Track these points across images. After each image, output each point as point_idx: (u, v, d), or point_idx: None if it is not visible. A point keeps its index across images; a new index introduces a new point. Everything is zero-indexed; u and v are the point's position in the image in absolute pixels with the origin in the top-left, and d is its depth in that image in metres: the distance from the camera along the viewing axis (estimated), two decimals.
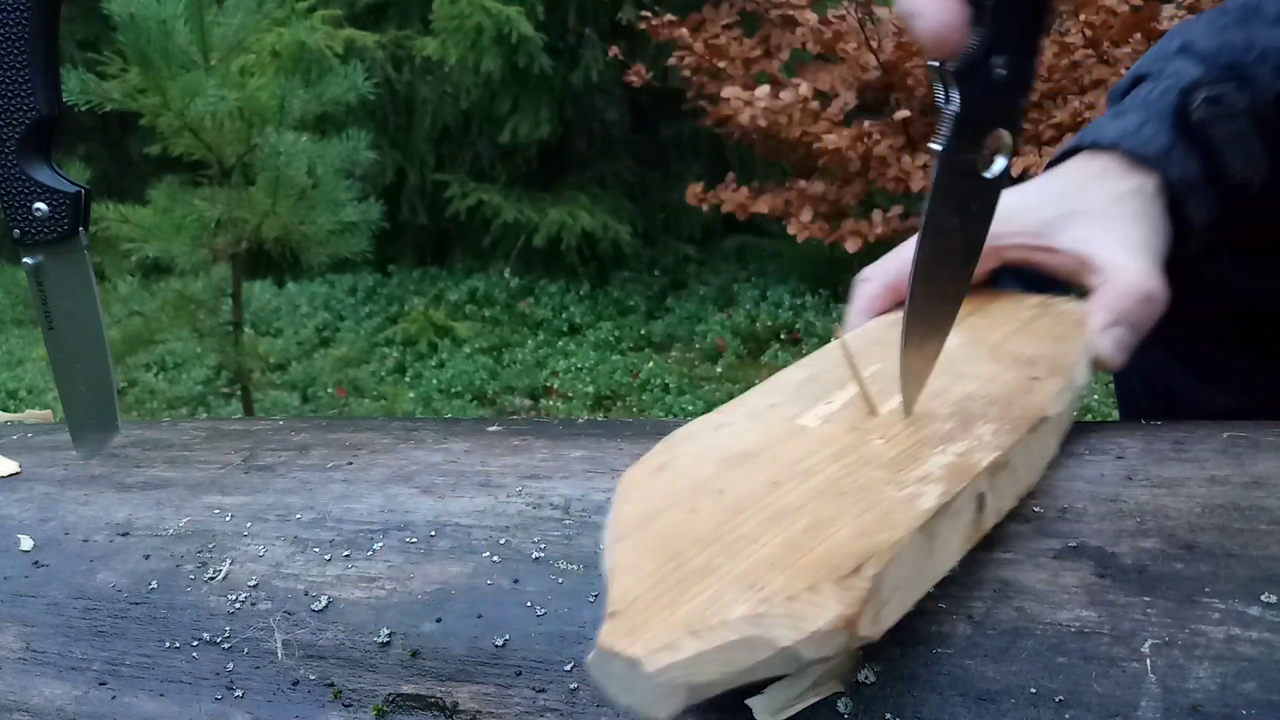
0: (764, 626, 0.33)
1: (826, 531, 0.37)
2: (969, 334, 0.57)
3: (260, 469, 0.60)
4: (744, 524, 0.38)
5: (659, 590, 0.35)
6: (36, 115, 0.59)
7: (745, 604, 0.34)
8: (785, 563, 0.36)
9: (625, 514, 0.39)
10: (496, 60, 4.64)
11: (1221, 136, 0.61)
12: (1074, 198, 0.60)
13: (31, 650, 0.50)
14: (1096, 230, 0.59)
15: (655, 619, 0.33)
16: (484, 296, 5.15)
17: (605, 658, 0.33)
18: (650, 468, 0.43)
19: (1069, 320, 0.59)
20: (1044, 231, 0.60)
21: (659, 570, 0.36)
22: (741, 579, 0.35)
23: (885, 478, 0.41)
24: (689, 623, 0.33)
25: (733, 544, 0.37)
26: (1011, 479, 0.44)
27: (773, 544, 0.37)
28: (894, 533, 0.37)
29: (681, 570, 0.36)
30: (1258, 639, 0.37)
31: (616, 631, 0.33)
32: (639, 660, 0.32)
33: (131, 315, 3.07)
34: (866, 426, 0.46)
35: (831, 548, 0.36)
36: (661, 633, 0.33)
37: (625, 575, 0.36)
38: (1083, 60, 3.75)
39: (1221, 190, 0.62)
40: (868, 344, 0.55)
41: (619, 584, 0.35)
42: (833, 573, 0.35)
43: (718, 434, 0.46)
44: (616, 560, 0.37)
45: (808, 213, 4.07)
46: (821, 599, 0.34)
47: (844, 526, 0.38)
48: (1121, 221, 0.59)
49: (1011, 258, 0.61)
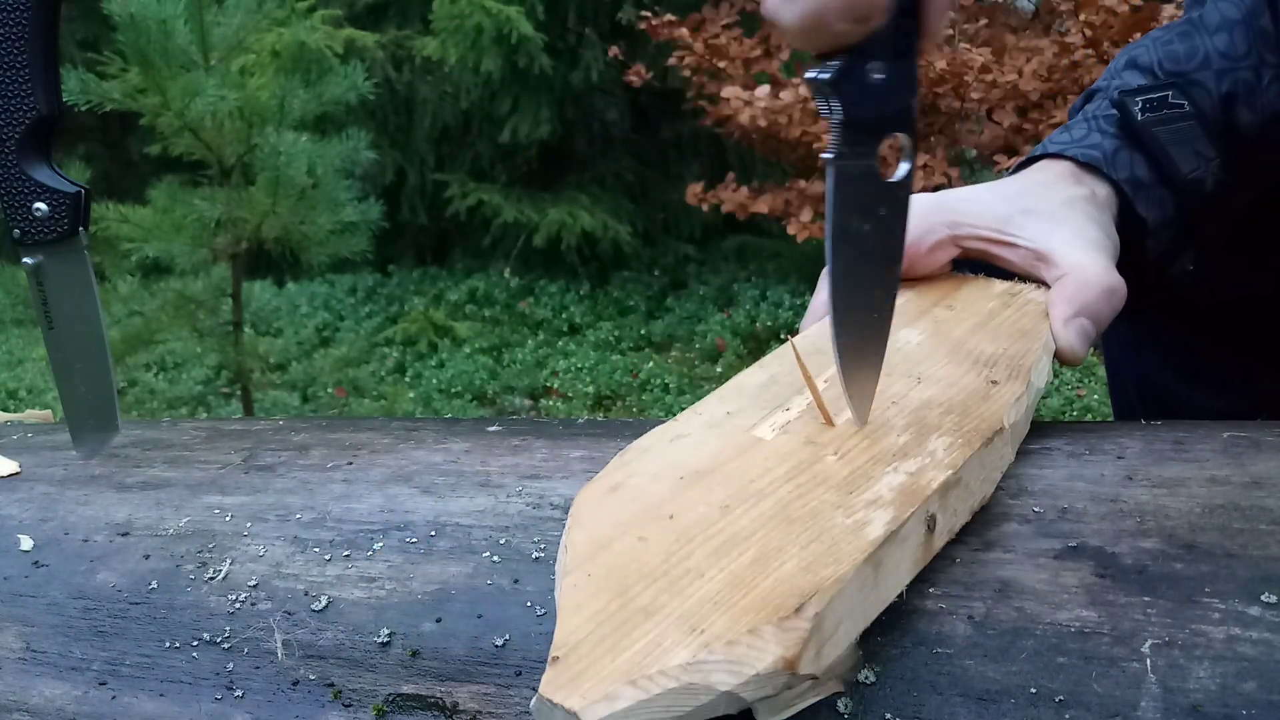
0: (704, 673, 0.33)
1: (772, 564, 0.38)
2: (933, 328, 0.57)
3: (260, 469, 0.60)
4: (692, 554, 0.39)
5: (602, 632, 0.35)
6: (36, 115, 0.59)
7: (686, 649, 0.34)
8: (728, 602, 0.36)
9: (576, 542, 0.40)
10: (496, 60, 4.64)
11: (1167, 138, 0.64)
12: (1029, 198, 0.62)
13: (31, 650, 0.50)
14: (1052, 228, 0.60)
15: (596, 665, 0.34)
16: (484, 296, 5.16)
17: (546, 706, 0.33)
18: (604, 488, 0.43)
19: (1033, 312, 0.59)
20: (1002, 226, 0.61)
21: (604, 609, 0.36)
22: (684, 620, 0.35)
23: (835, 500, 0.41)
24: (628, 671, 0.33)
25: (679, 579, 0.37)
26: (964, 495, 0.44)
27: (718, 579, 0.37)
28: (839, 567, 0.37)
29: (626, 609, 0.36)
30: (1258, 639, 0.37)
31: (557, 680, 0.34)
32: (577, 713, 0.32)
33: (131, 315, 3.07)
34: (822, 440, 0.46)
35: (775, 583, 0.37)
36: (601, 683, 0.33)
37: (571, 615, 0.36)
38: (1083, 60, 3.75)
39: (1174, 190, 0.64)
40: (818, 350, 0.55)
41: (564, 625, 0.36)
42: (774, 614, 0.35)
43: (673, 447, 0.46)
44: (563, 597, 0.37)
45: (808, 213, 4.07)
46: (761, 642, 0.34)
47: (790, 559, 0.38)
48: (1075, 222, 0.61)
49: (970, 248, 0.62)
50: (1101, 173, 0.63)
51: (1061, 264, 0.58)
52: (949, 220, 0.61)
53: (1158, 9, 3.58)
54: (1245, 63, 0.64)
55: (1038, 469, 0.49)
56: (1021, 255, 0.61)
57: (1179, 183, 0.64)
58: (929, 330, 0.57)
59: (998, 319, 0.58)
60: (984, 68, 3.84)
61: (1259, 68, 0.64)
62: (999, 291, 0.62)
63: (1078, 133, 0.65)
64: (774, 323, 4.52)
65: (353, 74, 2.96)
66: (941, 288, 0.63)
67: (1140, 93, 0.65)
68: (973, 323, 0.58)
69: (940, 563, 0.42)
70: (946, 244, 0.62)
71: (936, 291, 0.62)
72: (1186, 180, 0.64)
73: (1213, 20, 0.66)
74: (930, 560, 0.42)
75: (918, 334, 0.56)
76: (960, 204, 0.62)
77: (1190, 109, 0.64)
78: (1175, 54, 0.66)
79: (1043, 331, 0.56)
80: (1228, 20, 0.66)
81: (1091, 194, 0.63)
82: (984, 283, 0.64)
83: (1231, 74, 0.64)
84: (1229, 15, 0.66)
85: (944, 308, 0.60)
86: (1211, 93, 0.64)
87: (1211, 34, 0.66)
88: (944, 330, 0.57)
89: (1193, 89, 0.64)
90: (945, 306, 0.60)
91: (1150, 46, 0.67)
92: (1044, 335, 0.56)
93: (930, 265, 0.63)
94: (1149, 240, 0.64)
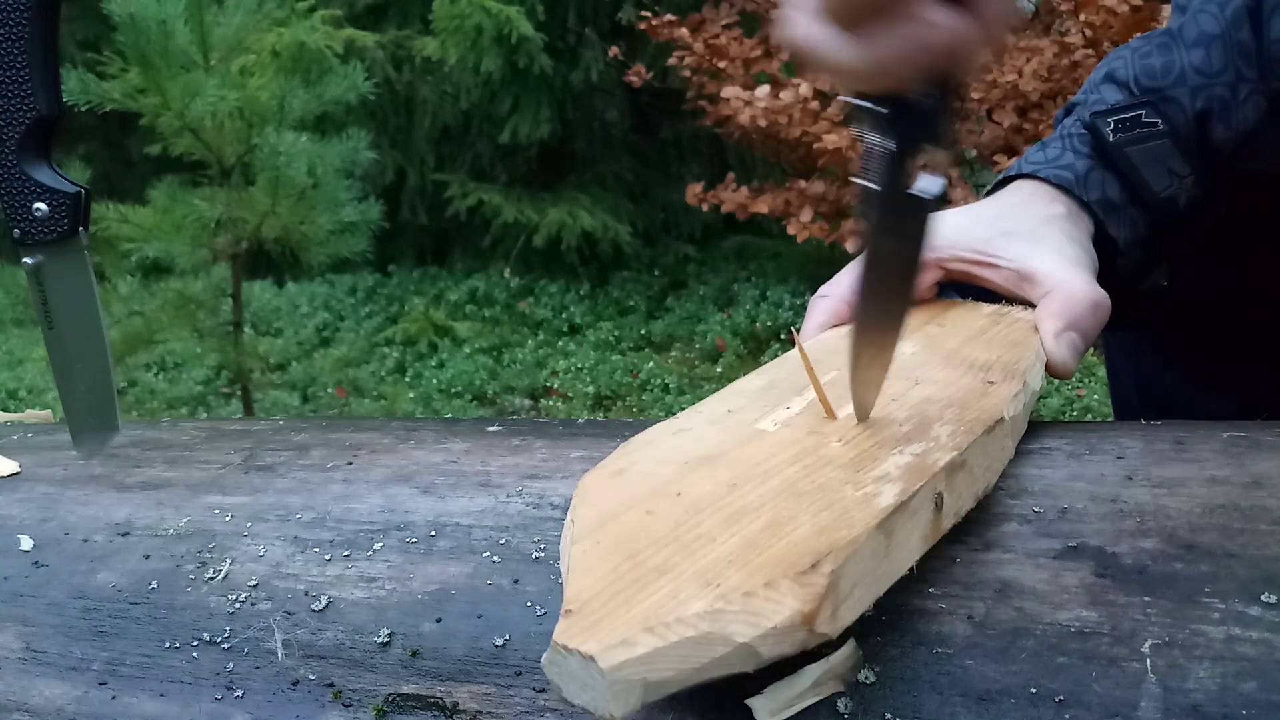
0: (721, 623, 0.33)
1: (785, 530, 0.37)
2: (926, 341, 0.58)
3: (260, 469, 0.60)
4: (702, 524, 0.38)
5: (615, 589, 0.35)
6: (36, 115, 0.59)
7: (702, 600, 0.34)
8: (743, 560, 0.36)
9: (582, 517, 0.39)
10: (496, 60, 4.64)
11: (1139, 158, 0.64)
12: (1008, 220, 0.63)
13: (31, 650, 0.50)
14: (1033, 247, 0.61)
15: (611, 616, 0.33)
16: (484, 296, 5.15)
17: (560, 655, 0.33)
18: (608, 472, 0.43)
19: (1023, 328, 0.59)
20: (983, 248, 0.62)
21: (616, 569, 0.36)
22: (699, 576, 0.35)
23: (843, 478, 0.41)
24: (645, 619, 0.33)
25: (690, 543, 0.37)
26: (969, 480, 0.45)
27: (731, 542, 0.37)
28: (852, 530, 0.37)
29: (639, 569, 0.36)
30: (1258, 639, 0.37)
31: (571, 629, 0.33)
32: (593, 657, 0.32)
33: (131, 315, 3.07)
34: (824, 430, 0.46)
35: (789, 545, 0.36)
36: (617, 630, 0.33)
37: (581, 575, 0.36)
38: (1083, 60, 3.75)
39: (1146, 210, 0.65)
40: (825, 353, 0.56)
41: (575, 584, 0.35)
42: (790, 569, 0.35)
43: (676, 439, 0.46)
44: (573, 562, 0.37)
45: (808, 213, 4.06)
46: (779, 595, 0.34)
47: (802, 525, 0.38)
48: (1054, 240, 0.61)
49: (953, 270, 0.63)
50: (1074, 194, 0.64)
51: (1045, 282, 0.59)
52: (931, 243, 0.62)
53: (1157, 9, 3.58)
54: (1221, 79, 0.65)
55: (1038, 469, 0.49)
56: (1005, 275, 0.61)
57: (1151, 202, 0.65)
58: (922, 343, 0.58)
59: (989, 333, 0.59)
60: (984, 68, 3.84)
61: (1235, 84, 0.64)
62: (987, 312, 0.63)
63: (1052, 152, 0.66)
64: (774, 323, 4.52)
65: (353, 74, 2.96)
66: (930, 310, 0.64)
67: (1113, 112, 0.65)
68: (964, 336, 0.58)
69: (940, 563, 0.42)
70: (930, 266, 0.63)
71: (926, 313, 0.63)
72: (1159, 199, 0.65)
73: (1190, 34, 0.66)
74: (938, 543, 0.42)
75: (911, 346, 0.57)
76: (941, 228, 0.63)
77: (1164, 127, 0.65)
78: (1152, 69, 0.66)
79: (1034, 343, 0.57)
80: (1205, 34, 0.65)
81: (1067, 212, 0.63)
82: (972, 305, 0.65)
83: (1206, 90, 0.64)
84: (1207, 29, 0.66)
85: (935, 325, 0.61)
86: (1186, 109, 0.65)
87: (1189, 48, 0.66)
88: (936, 343, 0.58)
89: (1167, 106, 0.65)
90: (936, 324, 0.61)
91: (1129, 59, 0.67)
92: (1035, 345, 0.57)
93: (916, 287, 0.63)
94: (1120, 259, 0.65)
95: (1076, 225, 0.63)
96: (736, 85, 4.12)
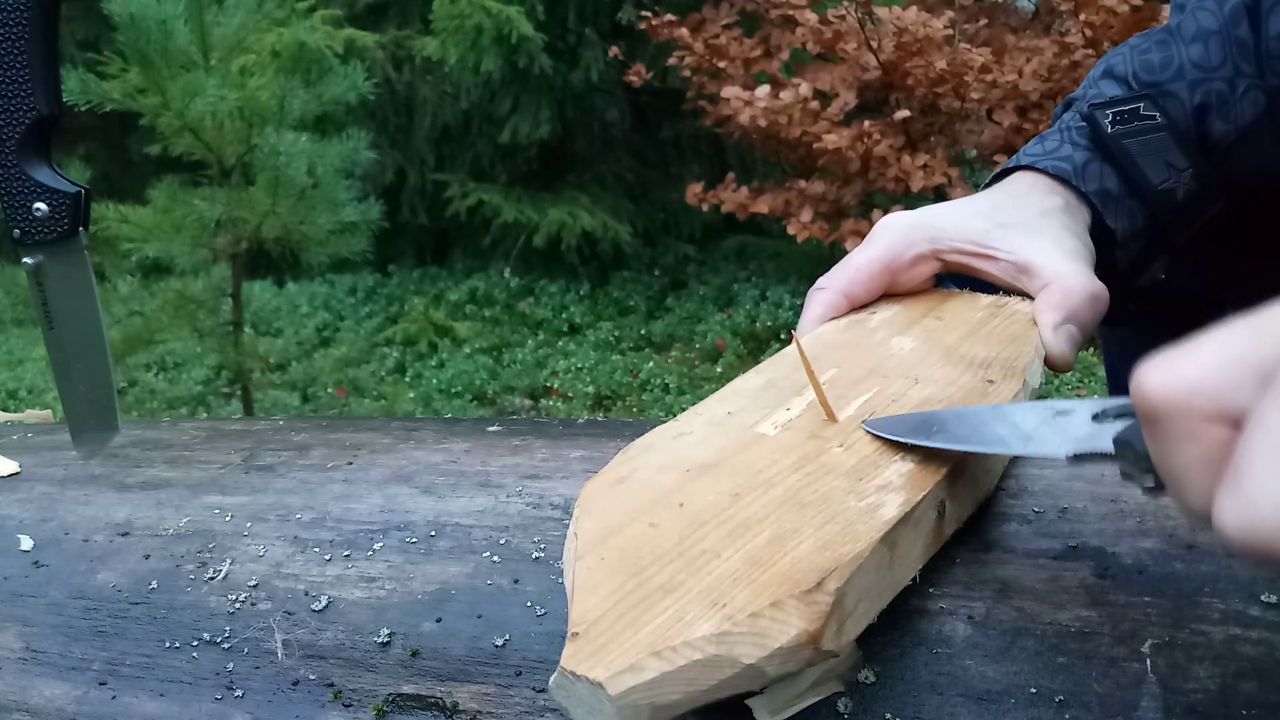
0: (728, 645, 0.33)
1: (789, 544, 0.37)
2: (925, 336, 0.57)
3: (260, 469, 0.60)
4: (706, 537, 0.38)
5: (621, 609, 0.34)
6: (36, 115, 0.59)
7: (709, 623, 0.33)
8: (748, 578, 0.35)
9: (585, 529, 0.39)
10: (496, 60, 4.64)
11: (1137, 150, 0.65)
12: (1006, 212, 0.63)
13: (31, 650, 0.50)
14: (1031, 239, 0.61)
15: (617, 639, 0.33)
16: (484, 296, 5.15)
17: (568, 680, 0.33)
18: (609, 480, 0.43)
19: (1021, 321, 0.59)
20: (981, 240, 0.62)
21: (621, 588, 0.35)
22: (704, 596, 0.35)
23: (846, 487, 0.41)
24: (652, 643, 0.33)
25: (695, 559, 0.37)
26: (971, 485, 0.44)
27: (735, 558, 0.37)
28: (856, 544, 0.37)
29: (644, 588, 0.35)
30: (1258, 639, 0.37)
31: (579, 653, 0.33)
32: (602, 683, 0.32)
33: (131, 315, 3.07)
34: (825, 434, 0.46)
35: (794, 561, 0.36)
36: (624, 654, 0.33)
37: (586, 595, 0.35)
38: (1083, 60, 3.75)
39: (1144, 202, 0.65)
40: (823, 347, 0.55)
41: (580, 604, 0.35)
42: (796, 587, 0.35)
43: (677, 443, 0.46)
44: (577, 579, 0.36)
45: (808, 213, 4.07)
46: (785, 615, 0.34)
47: (806, 539, 0.37)
48: (1053, 232, 0.61)
49: (951, 262, 0.63)
50: (1072, 185, 0.64)
51: (1043, 274, 0.59)
52: (929, 235, 0.62)
53: (1157, 9, 3.58)
54: (1219, 73, 0.65)
55: (1038, 469, 0.49)
56: (1002, 267, 0.61)
57: (1149, 194, 0.65)
58: (920, 338, 0.57)
59: (987, 327, 0.59)
60: (984, 68, 3.85)
61: (1233, 78, 0.65)
62: (985, 304, 0.63)
63: (1050, 144, 0.66)
64: (774, 323, 4.52)
65: (353, 74, 2.96)
66: (928, 301, 0.64)
67: (1112, 105, 0.66)
68: (963, 331, 0.58)
69: (940, 563, 0.42)
70: (928, 258, 0.63)
71: (923, 305, 0.63)
72: (1157, 191, 0.65)
73: (1189, 29, 0.67)
74: (940, 548, 0.42)
75: (910, 341, 0.56)
76: (939, 219, 0.63)
77: (1162, 120, 0.65)
78: (1150, 64, 0.66)
79: (1032, 337, 0.57)
80: (1204, 30, 0.66)
81: (1065, 204, 0.64)
82: (970, 296, 0.65)
83: (1205, 84, 0.65)
84: (1205, 25, 0.66)
85: (933, 318, 0.61)
86: (1184, 103, 0.65)
87: (1187, 43, 0.66)
88: (935, 338, 0.57)
89: (1165, 99, 0.65)
90: (934, 317, 0.61)
91: (1127, 55, 0.68)
92: (1034, 340, 0.56)
93: (913, 279, 0.63)
94: (1118, 251, 0.65)
95: (1074, 217, 0.63)
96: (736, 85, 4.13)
